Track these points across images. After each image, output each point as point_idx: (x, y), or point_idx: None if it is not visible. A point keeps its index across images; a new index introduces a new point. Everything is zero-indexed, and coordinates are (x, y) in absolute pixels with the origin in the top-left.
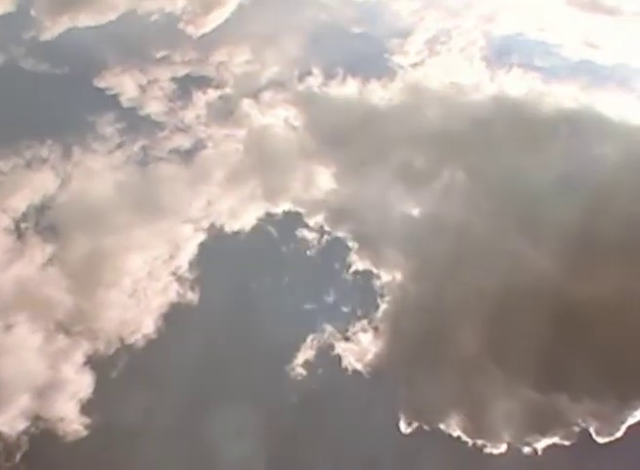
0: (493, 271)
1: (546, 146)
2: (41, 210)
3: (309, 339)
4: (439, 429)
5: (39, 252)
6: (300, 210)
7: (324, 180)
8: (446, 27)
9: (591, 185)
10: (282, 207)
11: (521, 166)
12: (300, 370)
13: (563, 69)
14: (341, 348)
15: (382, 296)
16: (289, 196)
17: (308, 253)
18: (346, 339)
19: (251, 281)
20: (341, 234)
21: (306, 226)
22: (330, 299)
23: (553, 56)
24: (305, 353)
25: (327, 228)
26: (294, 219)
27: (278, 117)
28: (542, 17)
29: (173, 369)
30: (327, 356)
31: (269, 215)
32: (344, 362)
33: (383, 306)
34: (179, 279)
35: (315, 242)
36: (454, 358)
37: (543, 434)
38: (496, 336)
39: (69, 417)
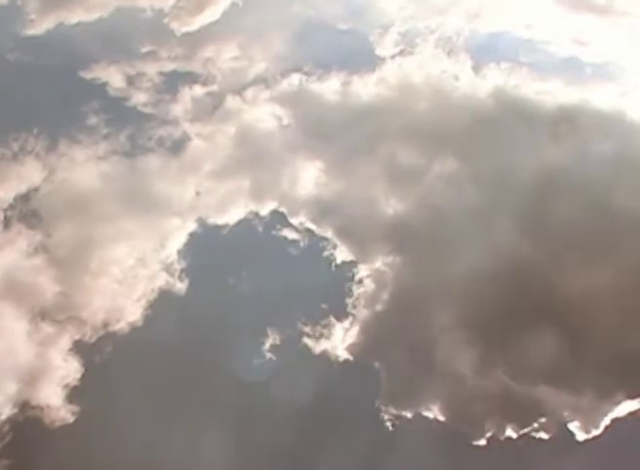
0: (477, 262)
1: (530, 139)
2: (28, 200)
3: (290, 328)
4: (420, 416)
5: (26, 241)
6: (286, 204)
7: (310, 176)
8: (432, 24)
9: (573, 177)
10: (267, 201)
11: (508, 161)
12: (276, 357)
13: (548, 64)
14: (319, 337)
15: (360, 286)
16: (274, 191)
17: (292, 246)
18: (326, 328)
19: (236, 273)
20: (325, 228)
21: (291, 220)
22: (311, 289)
23: (539, 52)
24: (285, 342)
25: (311, 223)
26: (279, 214)
27: (265, 114)
28: (529, 14)
29: (159, 356)
30: (306, 345)
31: (255, 209)
32: (324, 351)
33: (362, 297)
34: (165, 269)
35: (299, 236)
36: (436, 348)
37: (523, 425)
38: (478, 326)
39: (56, 404)
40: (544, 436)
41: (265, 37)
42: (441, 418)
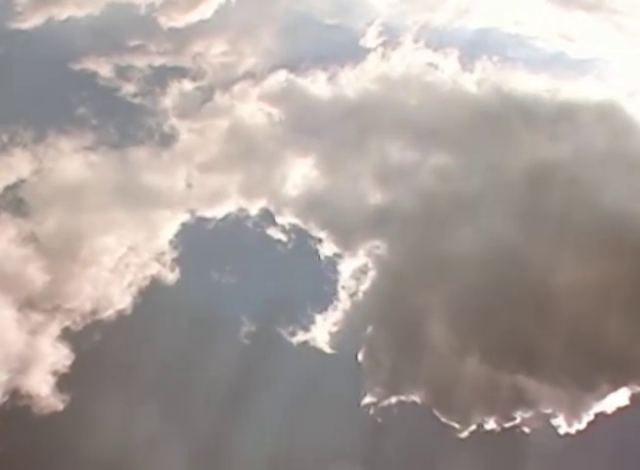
0: (460, 254)
1: (517, 132)
2: (17, 190)
3: (274, 319)
4: (402, 407)
5: (15, 231)
6: (272, 199)
7: (298, 171)
8: (422, 19)
9: (558, 168)
10: (254, 195)
11: (498, 154)
12: (257, 348)
13: (535, 59)
14: (302, 329)
15: (344, 280)
16: (261, 185)
17: (278, 240)
18: (309, 320)
19: (223, 266)
20: (309, 223)
21: (276, 214)
22: (295, 282)
23: (527, 47)
24: (269, 333)
25: (296, 217)
26: (265, 208)
27: (254, 109)
28: (519, 11)
29: (146, 344)
30: (289, 337)
31: (241, 203)
32: (307, 342)
33: (346, 290)
34: (149, 263)
35: (285, 231)
36: (419, 339)
37: (507, 419)
38: (462, 317)
39: (45, 392)
40: (527, 430)
41: (255, 33)
42: (424, 410)
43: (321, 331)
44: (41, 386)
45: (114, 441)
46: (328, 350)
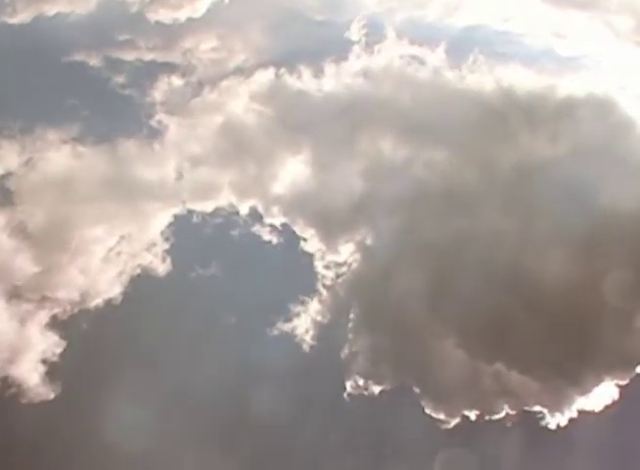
0: (445, 247)
1: (504, 129)
2: (7, 182)
3: (260, 313)
4: (385, 394)
5: (4, 222)
6: (264, 197)
7: (287, 168)
8: (412, 15)
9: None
10: (245, 194)
11: (488, 151)
12: (242, 342)
13: (524, 56)
14: (286, 320)
15: (326, 276)
16: (252, 183)
17: (268, 239)
18: (292, 312)
19: (209, 260)
20: (295, 219)
21: (267, 214)
22: (280, 277)
23: (516, 44)
24: (255, 326)
25: (286, 217)
26: (255, 206)
27: (242, 104)
28: (510, 8)
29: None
30: (271, 327)
31: (232, 201)
32: (293, 336)
33: (327, 283)
34: (142, 251)
35: (270, 227)
36: (402, 332)
37: (490, 412)
38: (446, 310)
39: (34, 381)
40: (509, 423)
41: (244, 30)
42: (409, 401)
43: (303, 323)
44: (31, 375)
45: (104, 430)
46: (310, 341)
